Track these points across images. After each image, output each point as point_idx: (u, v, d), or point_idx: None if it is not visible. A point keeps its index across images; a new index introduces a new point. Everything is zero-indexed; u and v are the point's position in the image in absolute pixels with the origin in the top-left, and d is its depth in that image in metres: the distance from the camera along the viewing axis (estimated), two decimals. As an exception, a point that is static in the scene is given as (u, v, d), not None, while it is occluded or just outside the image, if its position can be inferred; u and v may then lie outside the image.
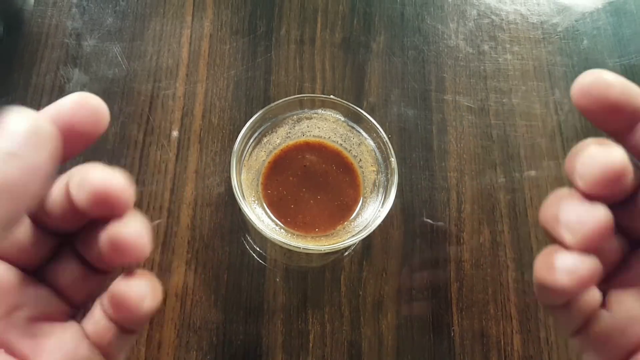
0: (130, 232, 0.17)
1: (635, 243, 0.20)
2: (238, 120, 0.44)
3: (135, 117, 0.43)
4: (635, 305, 0.19)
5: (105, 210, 0.17)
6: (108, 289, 0.18)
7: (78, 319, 0.21)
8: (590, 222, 0.17)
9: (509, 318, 0.40)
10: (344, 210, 0.39)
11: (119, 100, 0.44)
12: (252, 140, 0.39)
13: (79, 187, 0.17)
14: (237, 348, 0.37)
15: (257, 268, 0.40)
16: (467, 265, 0.41)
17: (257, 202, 0.38)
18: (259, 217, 0.37)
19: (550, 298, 0.19)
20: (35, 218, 0.19)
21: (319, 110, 0.40)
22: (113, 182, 0.17)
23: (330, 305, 0.39)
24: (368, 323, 0.39)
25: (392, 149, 0.38)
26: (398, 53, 0.48)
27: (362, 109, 0.39)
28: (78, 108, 0.18)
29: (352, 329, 0.38)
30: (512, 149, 0.45)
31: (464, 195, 0.43)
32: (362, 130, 0.40)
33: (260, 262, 0.40)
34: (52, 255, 0.19)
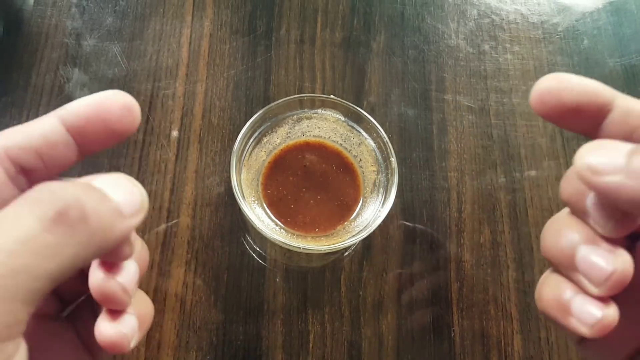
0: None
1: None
2: (238, 120, 0.44)
3: (135, 117, 0.43)
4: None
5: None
6: (95, 328, 0.18)
7: (65, 315, 0.22)
8: (617, 273, 0.16)
9: (510, 318, 0.40)
10: (344, 210, 0.39)
11: (119, 100, 0.43)
12: (252, 140, 0.39)
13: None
14: (237, 348, 0.37)
15: (257, 268, 0.40)
16: (467, 266, 0.41)
17: (257, 202, 0.38)
18: (259, 217, 0.37)
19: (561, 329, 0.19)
20: None
21: (319, 110, 0.40)
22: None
23: (331, 306, 0.39)
24: (368, 323, 0.39)
25: (392, 149, 0.38)
26: (398, 53, 0.48)
27: (362, 109, 0.39)
28: (115, 106, 0.18)
29: (352, 329, 0.38)
30: (512, 149, 0.45)
31: (465, 195, 0.43)
32: (362, 130, 0.40)
33: (260, 262, 0.40)
34: None
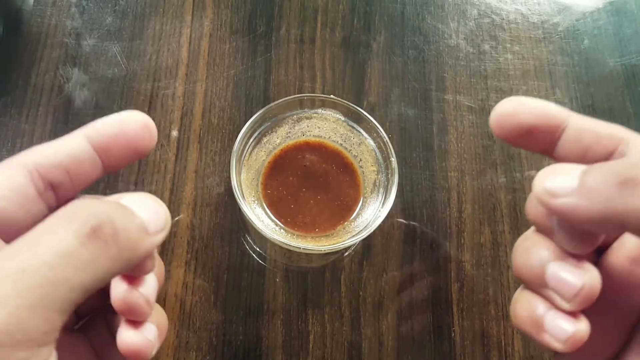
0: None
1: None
2: (238, 120, 0.44)
3: (135, 116, 0.43)
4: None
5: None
6: (117, 338, 0.19)
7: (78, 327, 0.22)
8: (586, 288, 0.17)
9: (510, 318, 0.40)
10: (344, 210, 0.39)
11: (118, 100, 0.43)
12: (252, 140, 0.39)
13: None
14: (236, 348, 0.37)
15: (257, 268, 0.40)
16: (467, 266, 0.41)
17: (257, 202, 0.38)
18: (259, 217, 0.37)
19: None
20: None
21: (319, 110, 0.40)
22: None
23: (331, 306, 0.39)
24: (368, 323, 0.39)
25: (392, 149, 0.38)
26: (398, 52, 0.48)
27: (362, 109, 0.39)
28: (136, 125, 0.19)
29: (352, 330, 0.38)
30: (512, 149, 0.45)
31: (465, 195, 0.43)
32: (362, 130, 0.40)
33: (260, 262, 0.40)
34: None
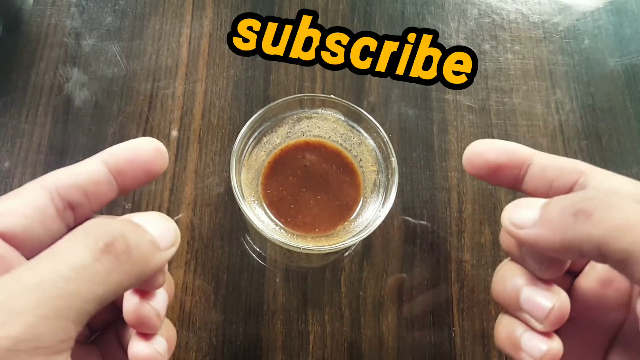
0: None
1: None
2: (238, 120, 0.44)
3: (135, 116, 0.43)
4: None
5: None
6: (129, 350, 0.20)
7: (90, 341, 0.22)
8: (556, 309, 0.19)
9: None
10: (344, 211, 0.39)
11: (118, 100, 0.43)
12: (251, 140, 0.39)
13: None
14: (236, 349, 0.37)
15: (257, 268, 0.39)
16: (467, 266, 0.41)
17: (257, 202, 0.38)
18: (259, 217, 0.37)
19: None
20: None
21: (319, 110, 0.40)
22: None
23: (331, 306, 0.39)
24: (368, 324, 0.39)
25: (392, 149, 0.38)
26: (398, 52, 0.48)
27: (362, 109, 0.39)
28: (149, 149, 0.21)
29: (352, 330, 0.38)
30: (513, 149, 0.45)
31: (465, 195, 0.43)
32: (362, 130, 0.40)
33: (260, 262, 0.40)
34: None
